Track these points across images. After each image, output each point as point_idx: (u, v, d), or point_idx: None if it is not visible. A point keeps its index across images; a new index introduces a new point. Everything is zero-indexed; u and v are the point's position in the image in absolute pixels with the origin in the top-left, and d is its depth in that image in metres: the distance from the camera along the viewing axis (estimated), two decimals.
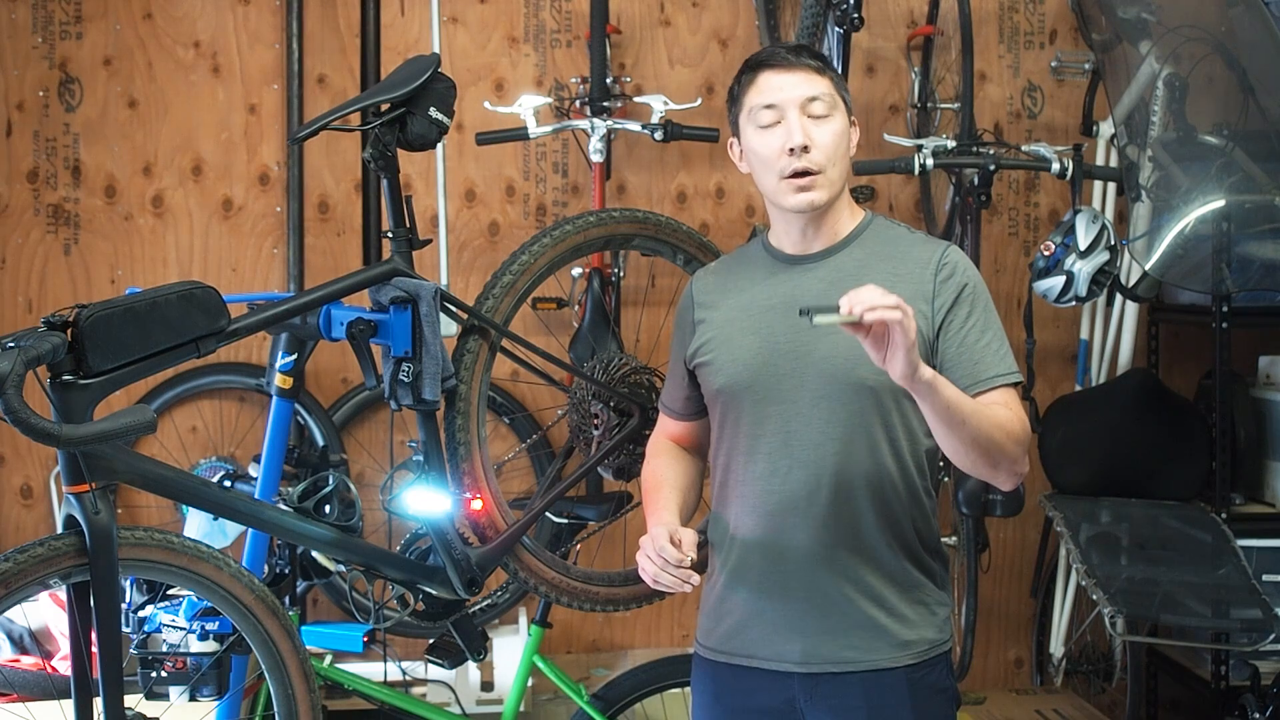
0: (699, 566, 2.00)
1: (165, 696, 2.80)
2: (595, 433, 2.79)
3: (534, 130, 3.39)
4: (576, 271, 3.53)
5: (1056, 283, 3.14)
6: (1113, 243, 3.13)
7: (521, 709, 3.00)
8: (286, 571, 2.54)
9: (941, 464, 2.27)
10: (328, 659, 3.21)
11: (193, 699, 2.75)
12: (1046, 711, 3.62)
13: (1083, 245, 3.11)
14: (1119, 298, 3.62)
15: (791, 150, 2.04)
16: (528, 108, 3.41)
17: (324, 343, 2.52)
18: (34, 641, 3.18)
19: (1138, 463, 3.39)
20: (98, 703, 2.04)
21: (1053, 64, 3.83)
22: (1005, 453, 1.97)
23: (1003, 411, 1.99)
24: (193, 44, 3.75)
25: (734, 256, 2.29)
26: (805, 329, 2.02)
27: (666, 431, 2.32)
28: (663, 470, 2.24)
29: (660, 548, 1.97)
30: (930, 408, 1.90)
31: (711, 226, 3.83)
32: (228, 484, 2.41)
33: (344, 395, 3.73)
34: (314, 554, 2.50)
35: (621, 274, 3.60)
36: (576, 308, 3.56)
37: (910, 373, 1.82)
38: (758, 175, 2.12)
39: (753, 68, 2.12)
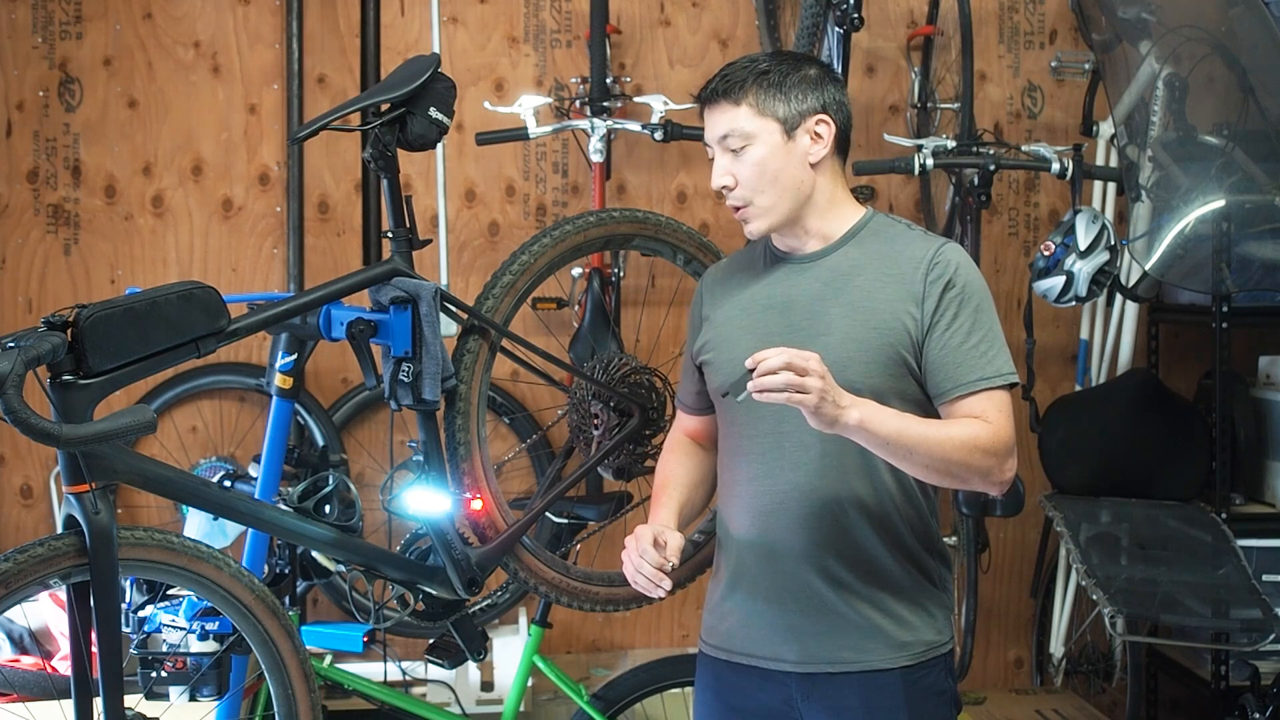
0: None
1: (165, 696, 2.79)
2: (595, 433, 2.79)
3: (534, 130, 3.39)
4: (576, 271, 3.53)
5: (1056, 283, 3.14)
6: (1113, 243, 3.13)
7: (521, 709, 3.01)
8: (286, 571, 2.54)
9: None
10: (328, 659, 3.21)
11: (193, 699, 2.75)
12: (1046, 711, 3.62)
13: (1083, 245, 3.11)
14: (1119, 298, 3.62)
15: (718, 192, 2.09)
16: (528, 108, 3.41)
17: (324, 343, 2.52)
18: (34, 641, 3.18)
19: (1138, 463, 3.38)
20: (98, 703, 2.04)
21: (1053, 64, 3.83)
22: (972, 468, 1.95)
23: (966, 427, 1.96)
24: (193, 44, 3.75)
25: (741, 254, 2.30)
26: (800, 328, 2.03)
27: (683, 427, 2.32)
28: (672, 467, 2.24)
29: (642, 549, 1.97)
30: (870, 446, 1.90)
31: (711, 226, 3.83)
32: (228, 484, 2.41)
33: (344, 395, 3.73)
34: (314, 554, 2.50)
35: (621, 274, 3.60)
36: (576, 308, 3.56)
37: (828, 426, 1.84)
38: None
39: (699, 101, 2.14)
